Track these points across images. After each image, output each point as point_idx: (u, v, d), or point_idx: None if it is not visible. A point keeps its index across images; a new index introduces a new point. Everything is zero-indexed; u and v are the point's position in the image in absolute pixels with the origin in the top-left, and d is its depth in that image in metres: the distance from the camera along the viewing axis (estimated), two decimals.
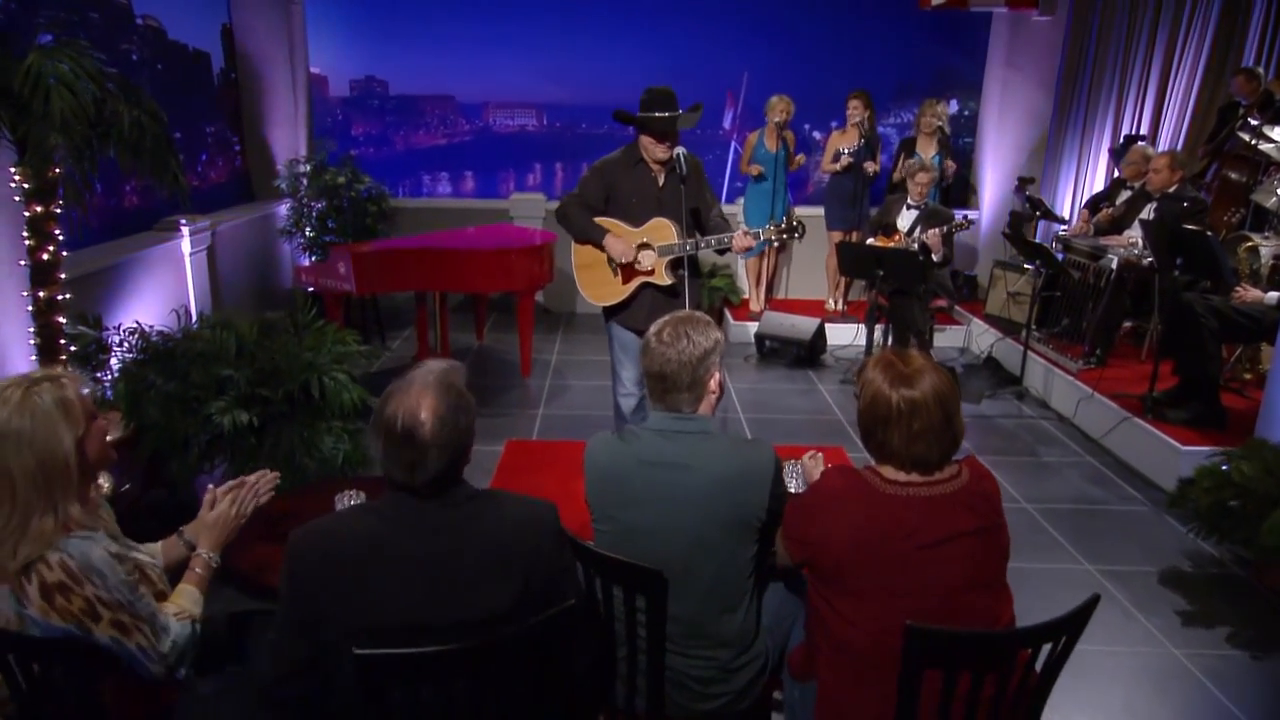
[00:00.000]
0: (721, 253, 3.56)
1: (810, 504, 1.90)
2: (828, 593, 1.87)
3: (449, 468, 1.62)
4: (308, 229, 6.65)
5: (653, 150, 3.42)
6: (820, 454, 2.48)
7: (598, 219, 3.57)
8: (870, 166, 6.63)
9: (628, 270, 3.55)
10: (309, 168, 6.68)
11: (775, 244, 3.49)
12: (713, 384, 2.06)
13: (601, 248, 3.54)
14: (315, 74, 7.49)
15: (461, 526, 1.63)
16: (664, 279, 3.50)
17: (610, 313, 3.69)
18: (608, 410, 5.08)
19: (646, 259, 3.52)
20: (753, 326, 6.61)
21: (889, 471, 1.85)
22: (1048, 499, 4.24)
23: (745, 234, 3.39)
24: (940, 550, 1.76)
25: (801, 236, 3.41)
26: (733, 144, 7.97)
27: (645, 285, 3.56)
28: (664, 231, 3.48)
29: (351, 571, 1.58)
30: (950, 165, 6.75)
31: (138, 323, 3.72)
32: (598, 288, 3.62)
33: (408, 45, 7.57)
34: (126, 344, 3.65)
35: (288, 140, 7.09)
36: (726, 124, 7.99)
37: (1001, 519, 1.85)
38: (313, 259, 6.66)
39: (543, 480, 4.19)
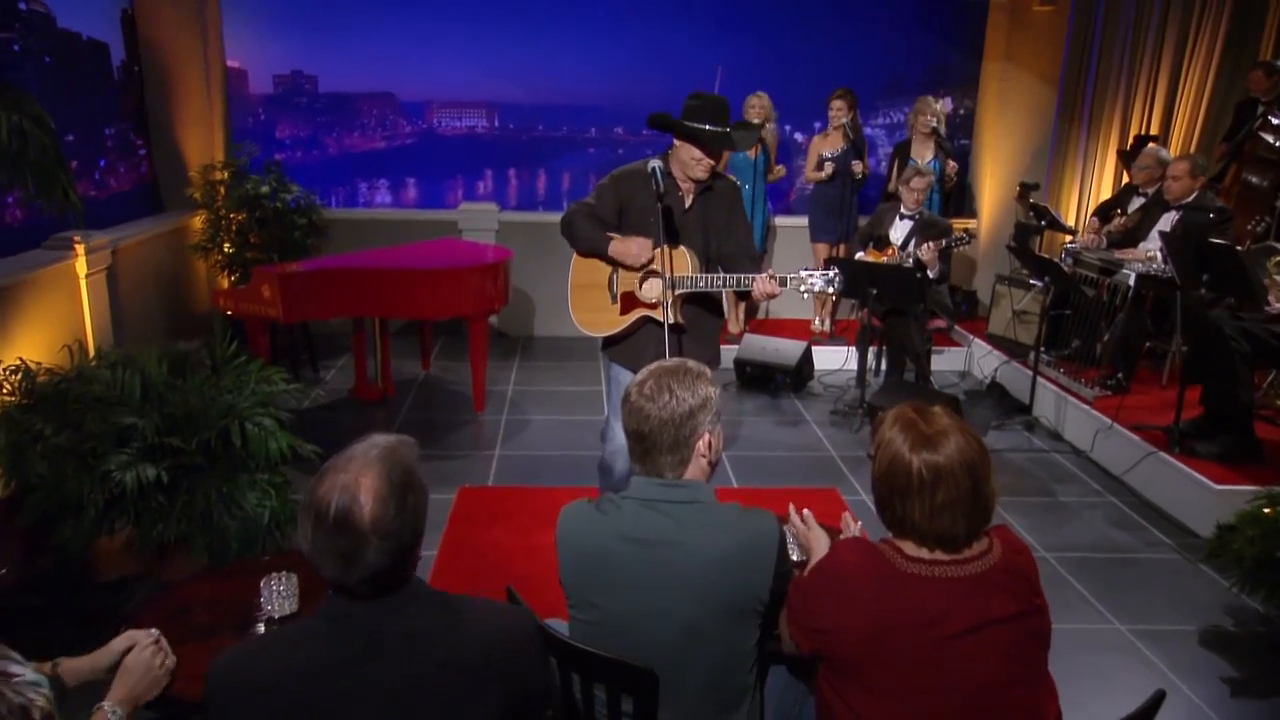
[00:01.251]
0: (742, 297, 3.41)
1: (820, 585, 1.81)
2: (842, 688, 1.78)
3: (393, 564, 1.48)
4: (226, 245, 6.52)
5: (693, 168, 3.23)
6: (809, 511, 2.36)
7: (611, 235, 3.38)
8: (857, 166, 6.64)
9: (628, 299, 3.37)
10: (227, 175, 6.56)
11: (804, 295, 3.34)
12: (702, 446, 1.96)
13: (608, 259, 3.33)
14: (233, 68, 7.36)
15: (418, 645, 1.49)
16: (668, 316, 3.26)
17: (609, 344, 3.49)
18: (572, 450, 5.03)
19: (652, 289, 3.33)
20: (731, 351, 6.54)
21: (910, 547, 1.78)
22: (1068, 546, 4.19)
23: (770, 279, 3.17)
24: (972, 640, 1.70)
25: (836, 291, 3.25)
26: None
27: (646, 320, 3.38)
28: (679, 260, 3.25)
29: (288, 715, 1.43)
30: (951, 165, 6.75)
31: (21, 360, 3.54)
32: (591, 313, 3.44)
33: (340, 36, 7.45)
34: (8, 386, 3.47)
35: (202, 143, 6.95)
36: None
37: (1041, 600, 1.79)
38: (233, 280, 6.53)
39: (501, 533, 4.09)
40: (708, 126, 3.15)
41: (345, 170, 7.75)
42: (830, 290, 3.22)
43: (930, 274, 5.69)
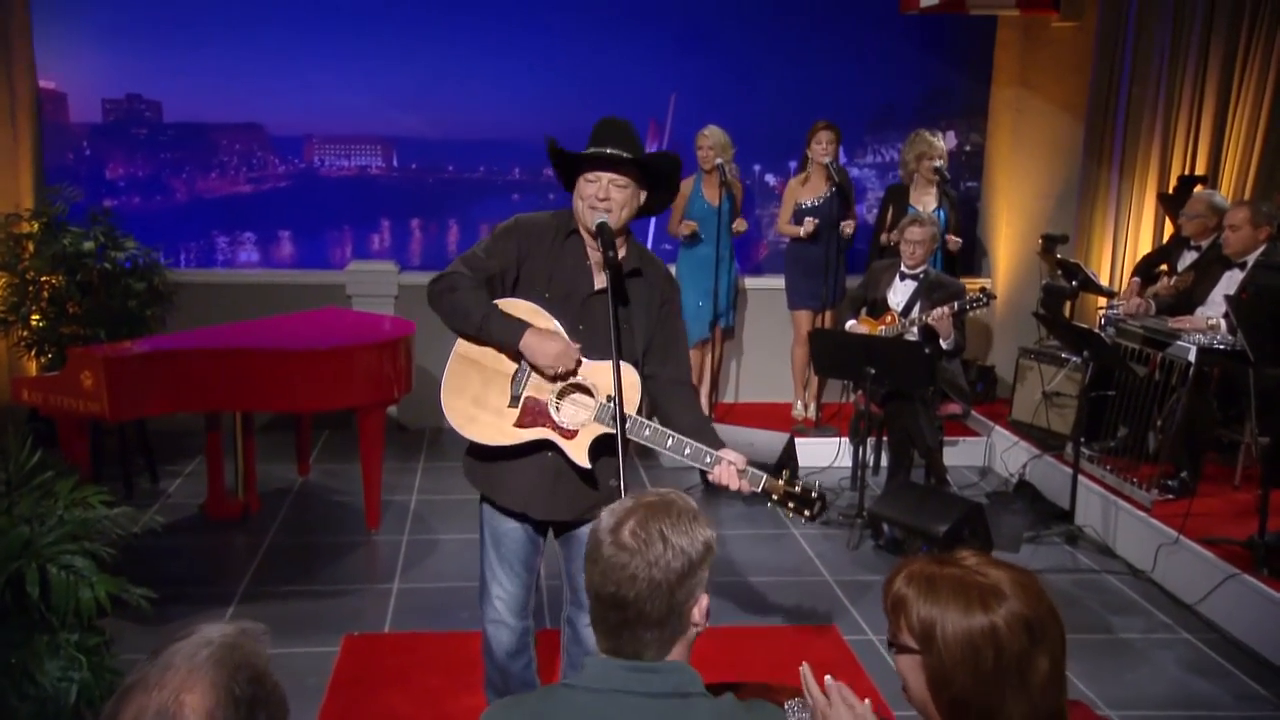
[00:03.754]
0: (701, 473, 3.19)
1: None
2: None
3: None
4: (35, 318, 6.33)
5: (587, 214, 3.00)
6: (835, 682, 2.16)
7: (506, 301, 3.08)
8: (848, 227, 6.69)
9: (533, 410, 3.07)
10: (37, 226, 6.40)
11: (779, 509, 3.17)
12: (696, 614, 1.84)
13: (516, 352, 3.02)
14: (47, 90, 7.24)
15: None
16: (582, 456, 3.02)
17: (478, 473, 3.23)
18: None
19: (576, 412, 3.07)
20: None
21: None
22: (1136, 700, 4.06)
23: (732, 469, 2.98)
24: None
25: (821, 515, 3.06)
26: None
27: (546, 445, 3.09)
28: (629, 387, 2.97)
29: None
30: (954, 241, 6.79)
31: None
32: (472, 407, 3.10)
33: (191, 51, 7.36)
34: None
35: (3, 186, 6.78)
36: None
37: None
38: (43, 364, 6.33)
39: (401, 699, 3.95)
40: (592, 149, 2.99)
41: (199, 221, 7.63)
42: (815, 514, 3.03)
43: (945, 344, 5.67)
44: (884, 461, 6.27)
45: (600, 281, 3.07)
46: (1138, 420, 5.65)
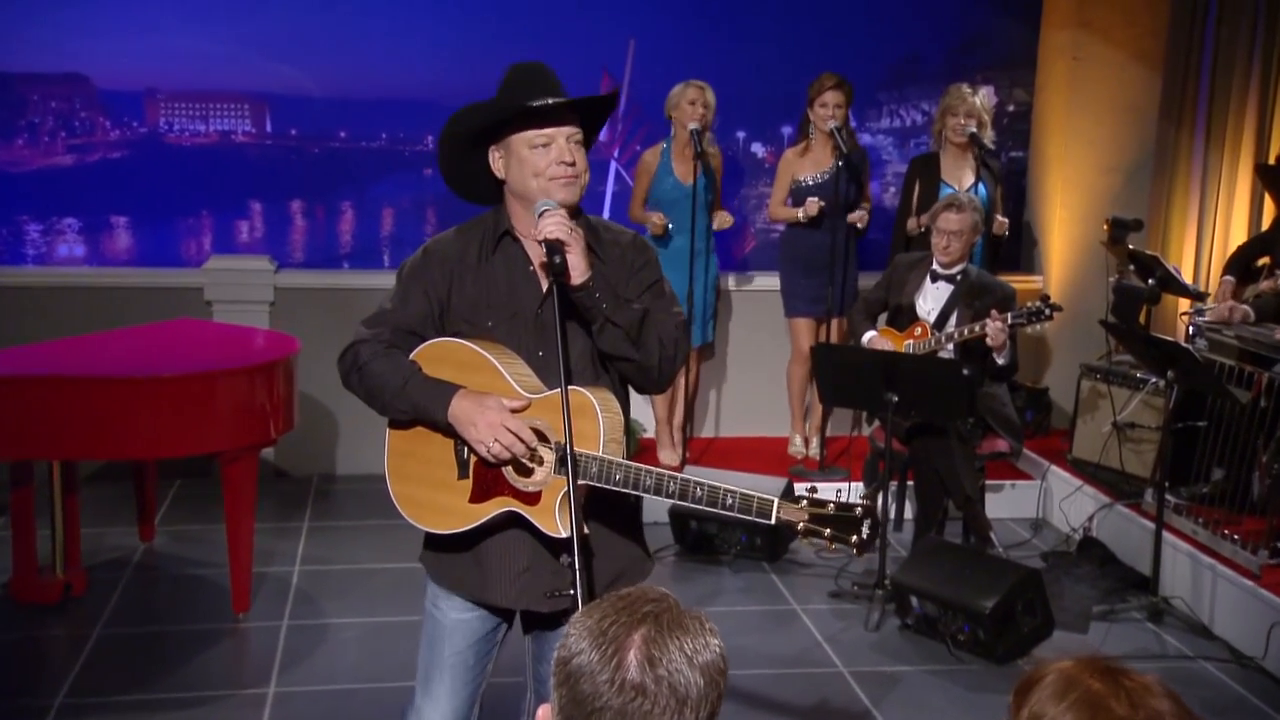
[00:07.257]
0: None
1: None
2: None
3: None
4: None
5: (551, 188, 2.97)
6: None
7: (436, 344, 3.05)
8: (859, 219, 6.75)
9: (487, 478, 3.03)
10: None
11: (811, 543, 3.12)
12: None
13: (445, 426, 2.98)
14: None
15: None
16: (554, 524, 2.97)
17: (445, 569, 3.23)
18: (403, 679, 4.75)
19: (535, 467, 3.02)
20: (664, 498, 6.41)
21: None
22: None
23: (779, 505, 2.87)
24: None
25: (873, 541, 3.00)
26: (613, 165, 7.91)
27: (512, 516, 3.04)
28: (582, 416, 2.94)
29: None
30: (1001, 222, 6.82)
31: None
32: (422, 489, 3.15)
33: None
34: None
35: None
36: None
37: None
38: None
39: None
40: (529, 102, 2.96)
41: (1, 203, 7.52)
42: (861, 536, 2.92)
43: (1000, 359, 5.69)
44: (909, 514, 6.30)
45: (546, 288, 3.04)
46: (1238, 459, 5.69)
